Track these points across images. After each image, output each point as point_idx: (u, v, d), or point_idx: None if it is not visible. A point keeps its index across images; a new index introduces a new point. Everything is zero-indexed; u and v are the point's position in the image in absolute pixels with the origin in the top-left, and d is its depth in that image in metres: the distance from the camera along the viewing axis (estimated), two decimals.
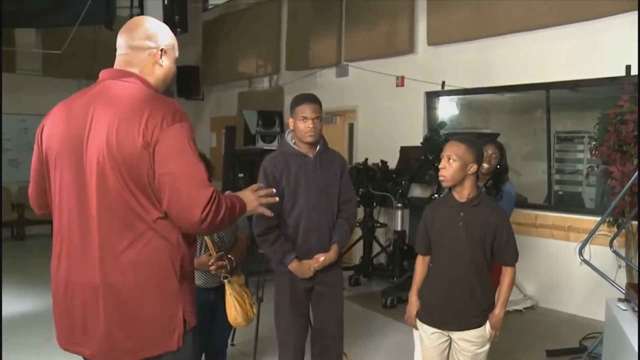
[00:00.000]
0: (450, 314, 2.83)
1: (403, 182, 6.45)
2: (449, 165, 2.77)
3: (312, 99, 3.18)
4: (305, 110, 3.12)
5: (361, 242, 7.06)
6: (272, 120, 5.06)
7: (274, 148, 5.05)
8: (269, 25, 9.64)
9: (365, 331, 5.19)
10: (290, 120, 3.22)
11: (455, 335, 2.86)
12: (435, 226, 2.88)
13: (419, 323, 2.94)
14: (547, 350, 4.64)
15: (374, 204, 6.77)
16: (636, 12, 5.08)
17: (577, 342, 4.82)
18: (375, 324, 5.44)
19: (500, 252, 2.82)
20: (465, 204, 2.82)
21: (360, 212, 6.53)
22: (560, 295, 5.87)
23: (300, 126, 3.14)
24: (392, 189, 6.50)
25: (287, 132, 3.32)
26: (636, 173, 3.76)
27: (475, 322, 2.83)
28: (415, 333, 2.99)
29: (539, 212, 6.14)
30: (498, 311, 2.83)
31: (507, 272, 2.87)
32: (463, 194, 2.82)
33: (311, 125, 3.12)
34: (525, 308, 5.86)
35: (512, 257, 2.84)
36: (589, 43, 5.63)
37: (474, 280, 2.79)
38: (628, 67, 5.31)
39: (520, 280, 6.13)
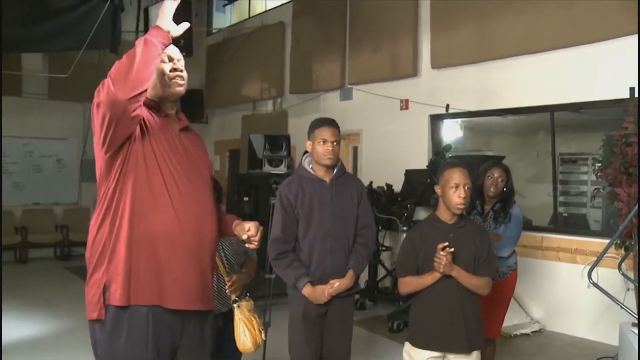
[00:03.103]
0: (446, 335, 2.83)
1: (408, 205, 6.44)
2: (467, 194, 2.83)
3: (332, 123, 3.23)
4: (325, 132, 3.16)
5: (367, 266, 7.02)
6: (279, 144, 5.07)
7: (281, 172, 5.05)
8: (273, 48, 9.71)
9: (371, 355, 5.14)
10: (308, 143, 3.24)
11: (451, 355, 2.86)
12: (426, 249, 2.88)
13: (412, 348, 2.92)
14: None
15: (379, 228, 6.75)
16: (632, 36, 5.15)
17: None
18: (381, 348, 5.39)
19: (479, 266, 2.87)
20: (454, 225, 2.89)
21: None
22: (568, 318, 5.82)
23: (318, 149, 3.16)
24: (398, 212, 6.49)
25: (304, 157, 3.34)
26: None
27: (474, 343, 2.86)
28: (406, 358, 2.96)
29: (545, 234, 6.12)
30: (457, 270, 2.80)
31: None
32: (453, 216, 2.89)
33: (330, 148, 3.15)
34: (532, 332, 5.81)
35: (489, 271, 2.90)
36: (592, 65, 5.67)
37: (465, 300, 2.84)
38: (632, 89, 5.32)
39: (527, 303, 6.09)
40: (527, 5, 6.07)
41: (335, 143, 3.18)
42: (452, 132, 7.42)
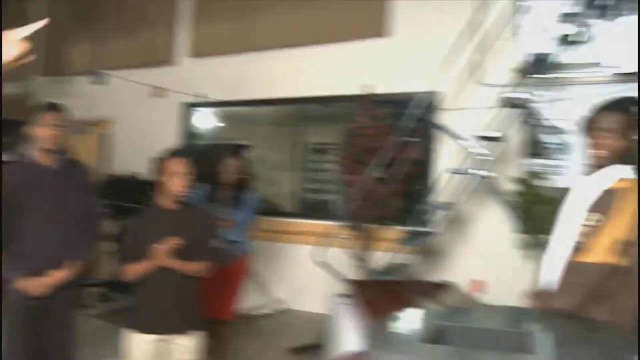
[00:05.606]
0: (167, 318, 2.90)
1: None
2: (187, 183, 2.91)
3: (57, 106, 3.12)
4: (47, 117, 3.04)
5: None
6: (15, 129, 4.62)
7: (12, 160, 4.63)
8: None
9: (117, 349, 4.96)
10: (33, 129, 3.06)
11: (174, 339, 2.93)
12: (145, 235, 2.88)
13: (132, 334, 2.96)
14: (289, 348, 4.86)
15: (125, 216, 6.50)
16: (373, 40, 5.78)
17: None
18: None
19: (198, 251, 2.94)
20: (175, 211, 2.95)
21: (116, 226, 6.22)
22: (310, 296, 6.18)
23: (42, 133, 3.03)
24: (143, 200, 6.30)
25: (27, 143, 3.13)
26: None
27: (190, 324, 2.95)
28: (128, 345, 2.99)
29: (292, 219, 6.48)
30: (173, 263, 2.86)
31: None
32: (173, 203, 2.94)
33: (53, 132, 3.02)
34: (275, 311, 6.14)
35: (208, 256, 3.00)
36: (338, 63, 6.17)
37: (181, 284, 2.90)
38: (365, 87, 5.81)
39: (273, 286, 6.35)
40: (285, 2, 6.39)
41: (58, 127, 3.06)
42: (208, 121, 7.47)
